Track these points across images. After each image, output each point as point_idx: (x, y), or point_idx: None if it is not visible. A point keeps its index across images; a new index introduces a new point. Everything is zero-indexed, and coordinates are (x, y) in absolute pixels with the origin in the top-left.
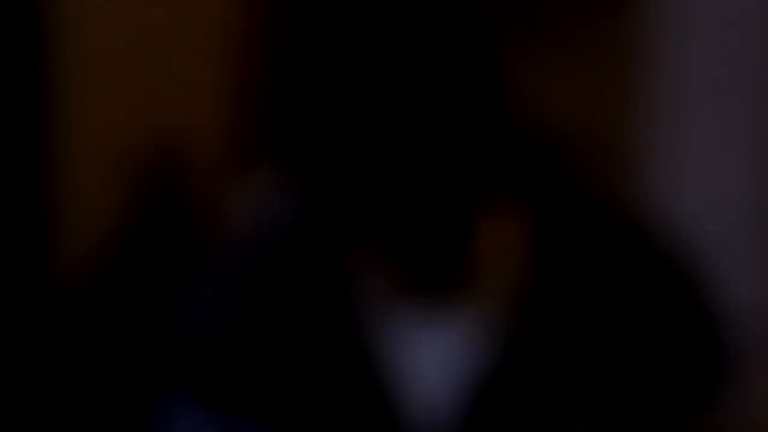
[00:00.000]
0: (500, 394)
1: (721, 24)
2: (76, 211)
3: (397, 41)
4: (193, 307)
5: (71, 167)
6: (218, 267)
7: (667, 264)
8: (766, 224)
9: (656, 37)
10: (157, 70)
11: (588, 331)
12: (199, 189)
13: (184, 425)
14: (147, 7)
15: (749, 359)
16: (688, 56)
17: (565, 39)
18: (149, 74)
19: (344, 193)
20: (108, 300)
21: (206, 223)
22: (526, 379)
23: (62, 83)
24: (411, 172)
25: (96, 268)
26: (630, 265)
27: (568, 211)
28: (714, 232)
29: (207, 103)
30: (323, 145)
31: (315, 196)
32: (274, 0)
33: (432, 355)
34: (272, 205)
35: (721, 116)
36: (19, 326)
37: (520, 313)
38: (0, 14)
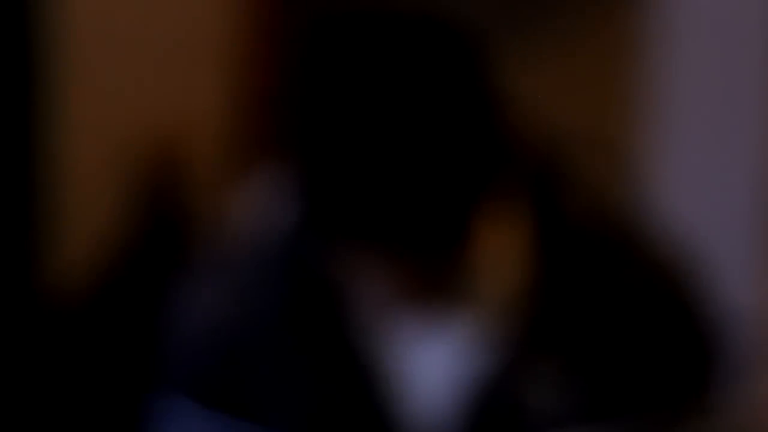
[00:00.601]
0: (499, 399)
1: (721, 23)
2: (74, 215)
3: (397, 49)
4: (191, 309)
5: (68, 170)
6: (216, 269)
7: (666, 267)
8: (766, 226)
9: (655, 37)
10: (157, 70)
11: (587, 335)
12: (199, 190)
13: (182, 427)
14: (146, 6)
15: (748, 362)
16: (688, 56)
17: (564, 40)
18: (149, 74)
19: (346, 196)
20: (106, 302)
21: (205, 224)
22: (525, 383)
23: (60, 84)
24: (410, 176)
25: (95, 272)
26: (628, 268)
27: (567, 215)
28: (712, 233)
29: (207, 103)
30: (326, 146)
31: (317, 198)
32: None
33: (431, 360)
34: (273, 207)
35: (720, 117)
36: (13, 330)
37: (519, 317)
38: None
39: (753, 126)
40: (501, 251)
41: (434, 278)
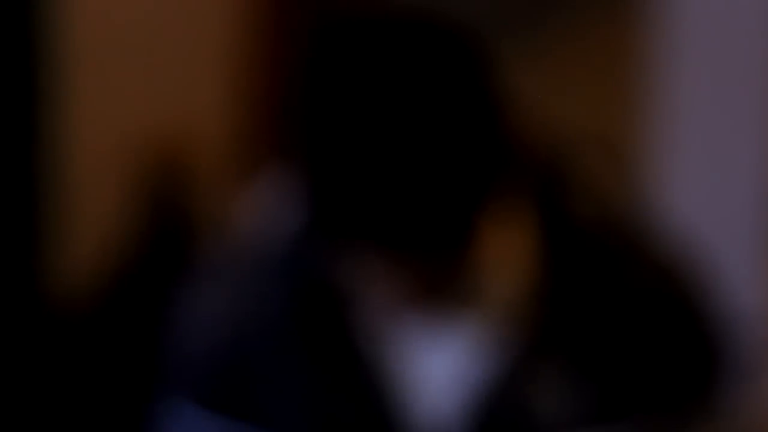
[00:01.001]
0: (505, 401)
1: (723, 23)
2: (78, 219)
3: (402, 53)
4: (196, 313)
5: (73, 174)
6: (221, 271)
7: (670, 268)
8: None
9: (658, 37)
10: (162, 73)
11: (592, 337)
12: (205, 193)
13: (186, 431)
14: (151, 8)
15: (753, 363)
16: (691, 57)
17: (566, 41)
18: (154, 78)
19: (352, 199)
20: (111, 305)
21: (211, 227)
22: (531, 385)
23: (64, 88)
24: (416, 179)
25: (100, 275)
26: (633, 269)
27: (571, 216)
28: (717, 235)
29: (213, 105)
30: (332, 149)
31: (322, 200)
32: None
33: (437, 362)
34: (279, 209)
35: (723, 118)
36: (18, 334)
37: (525, 320)
38: (0, 14)
39: (757, 127)
40: (506, 253)
41: (440, 281)
